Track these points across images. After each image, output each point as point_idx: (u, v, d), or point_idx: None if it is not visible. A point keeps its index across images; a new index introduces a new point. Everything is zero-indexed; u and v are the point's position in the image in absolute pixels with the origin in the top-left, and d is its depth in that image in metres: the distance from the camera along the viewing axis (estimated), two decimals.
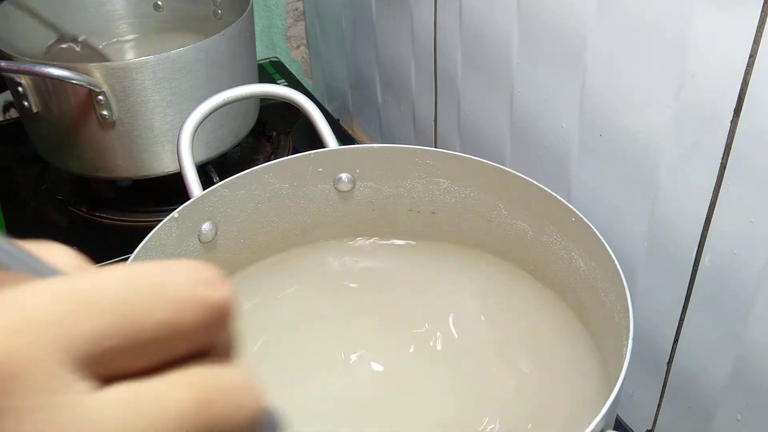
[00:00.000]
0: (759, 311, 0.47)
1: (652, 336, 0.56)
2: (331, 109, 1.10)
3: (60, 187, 0.83)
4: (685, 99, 0.47)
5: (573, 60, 0.55)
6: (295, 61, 1.14)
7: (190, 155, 0.53)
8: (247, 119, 0.82)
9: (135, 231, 0.76)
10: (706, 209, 0.48)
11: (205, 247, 0.53)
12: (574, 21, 0.54)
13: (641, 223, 0.54)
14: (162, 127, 0.72)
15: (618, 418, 0.59)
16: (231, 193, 0.53)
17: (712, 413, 0.53)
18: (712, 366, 0.52)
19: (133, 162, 0.74)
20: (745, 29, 0.41)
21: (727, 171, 0.46)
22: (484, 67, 0.68)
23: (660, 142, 0.50)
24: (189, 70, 0.70)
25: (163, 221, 0.49)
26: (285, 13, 1.09)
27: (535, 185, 0.51)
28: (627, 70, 0.51)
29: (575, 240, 0.49)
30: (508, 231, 0.55)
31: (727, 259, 0.48)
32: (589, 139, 0.57)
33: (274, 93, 0.58)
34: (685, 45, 0.45)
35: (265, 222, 0.57)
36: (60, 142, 0.75)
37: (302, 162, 0.56)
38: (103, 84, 0.68)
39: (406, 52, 0.82)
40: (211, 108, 0.55)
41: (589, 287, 0.49)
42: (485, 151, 0.72)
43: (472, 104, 0.72)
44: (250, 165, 0.55)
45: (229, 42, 0.74)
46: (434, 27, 0.74)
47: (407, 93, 0.85)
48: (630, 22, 0.49)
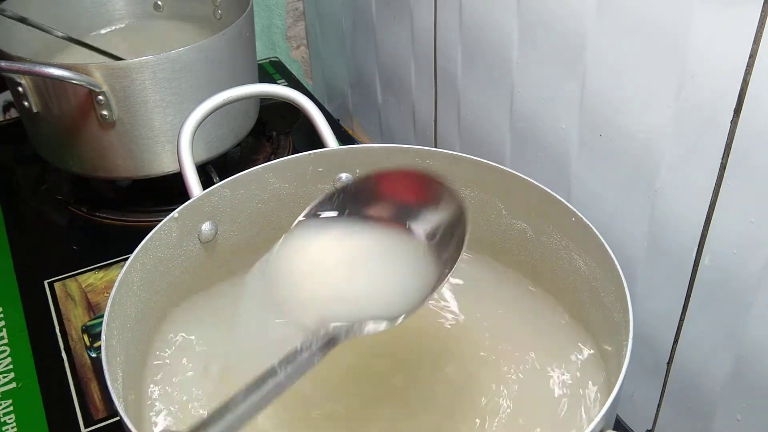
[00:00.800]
0: (759, 311, 0.47)
1: (652, 336, 0.56)
2: (331, 109, 1.10)
3: (60, 187, 0.83)
4: (685, 99, 0.47)
5: (573, 60, 0.55)
6: (295, 61, 1.14)
7: (190, 155, 0.53)
8: (247, 119, 0.82)
9: (135, 231, 0.76)
10: (706, 209, 0.48)
11: (205, 247, 0.53)
12: (574, 21, 0.54)
13: (641, 223, 0.54)
14: (162, 127, 0.72)
15: (618, 418, 0.59)
16: (231, 193, 0.53)
17: (712, 413, 0.53)
18: (712, 366, 0.52)
19: (133, 162, 0.74)
20: (745, 29, 0.41)
21: (727, 171, 0.46)
22: (484, 67, 0.68)
23: (660, 142, 0.50)
24: (189, 70, 0.70)
25: (163, 221, 0.49)
26: (285, 13, 1.09)
27: (535, 185, 0.51)
28: (627, 70, 0.51)
29: (575, 240, 0.49)
30: (508, 231, 0.55)
31: (726, 260, 0.48)
32: (589, 139, 0.57)
33: (274, 93, 0.58)
34: (685, 45, 0.45)
35: (265, 222, 0.57)
36: (60, 142, 0.75)
37: (302, 162, 0.56)
38: (103, 84, 0.68)
39: (406, 52, 0.82)
40: (211, 108, 0.55)
41: (589, 287, 0.49)
42: (485, 151, 0.72)
43: (472, 104, 0.72)
44: (250, 165, 0.55)
45: (229, 42, 0.74)
46: (434, 27, 0.74)
47: (407, 93, 0.85)
48: (630, 22, 0.49)
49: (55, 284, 0.70)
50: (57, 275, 0.70)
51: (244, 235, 0.56)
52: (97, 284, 0.69)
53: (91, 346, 0.63)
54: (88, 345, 0.63)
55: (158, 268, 0.50)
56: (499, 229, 0.55)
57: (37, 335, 0.65)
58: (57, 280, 0.70)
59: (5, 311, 0.68)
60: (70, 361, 0.62)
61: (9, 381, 0.61)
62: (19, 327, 0.66)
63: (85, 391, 0.59)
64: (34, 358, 0.62)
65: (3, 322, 0.66)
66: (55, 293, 0.69)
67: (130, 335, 0.46)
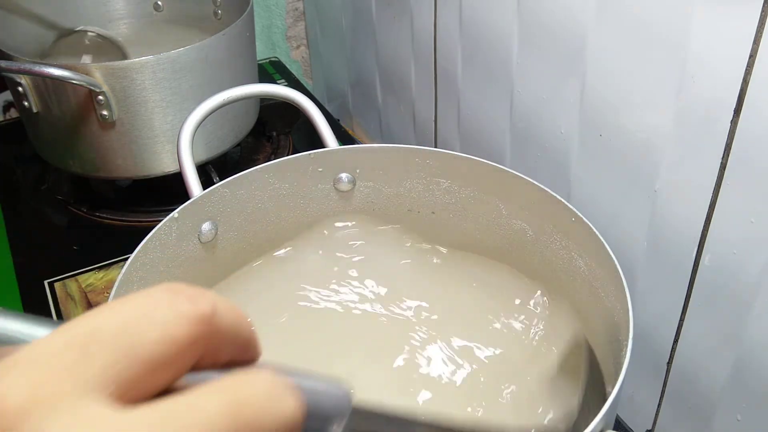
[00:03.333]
0: (758, 311, 0.47)
1: (652, 336, 0.56)
2: (331, 109, 1.10)
3: (60, 187, 0.83)
4: (685, 99, 0.47)
5: (573, 60, 0.55)
6: (295, 61, 1.14)
7: (190, 155, 0.53)
8: (247, 119, 0.82)
9: (135, 231, 0.76)
10: (706, 209, 0.48)
11: (205, 247, 0.53)
12: (574, 21, 0.54)
13: (641, 223, 0.54)
14: (162, 127, 0.72)
15: (618, 418, 0.59)
16: (231, 193, 0.54)
17: (712, 413, 0.53)
18: (712, 366, 0.52)
19: (133, 162, 0.74)
20: (745, 29, 0.41)
21: (727, 171, 0.46)
22: (484, 67, 0.68)
23: (660, 142, 0.50)
24: (189, 70, 0.70)
25: (163, 221, 0.49)
26: (285, 13, 1.09)
27: (535, 185, 0.51)
28: (627, 70, 0.51)
29: (575, 240, 0.49)
30: (508, 231, 0.55)
31: (726, 260, 0.48)
32: (589, 139, 0.57)
33: (274, 93, 0.58)
34: (685, 45, 0.45)
35: (265, 222, 0.57)
36: (60, 142, 0.75)
37: (302, 162, 0.56)
38: (103, 84, 0.68)
39: (406, 52, 0.82)
40: (211, 108, 0.55)
41: (589, 287, 0.49)
42: (485, 151, 0.72)
43: (472, 104, 0.72)
44: (250, 165, 0.55)
45: (229, 42, 0.74)
46: (434, 27, 0.74)
47: (407, 93, 0.85)
48: (630, 22, 0.49)
49: (55, 284, 0.70)
50: (57, 275, 0.70)
51: (244, 235, 0.56)
52: (97, 284, 0.69)
53: None
54: None
55: (158, 268, 0.50)
56: (499, 229, 0.55)
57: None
58: (57, 280, 0.70)
59: None
60: None
61: None
62: None
63: None
64: None
65: None
66: (55, 293, 0.69)
67: None
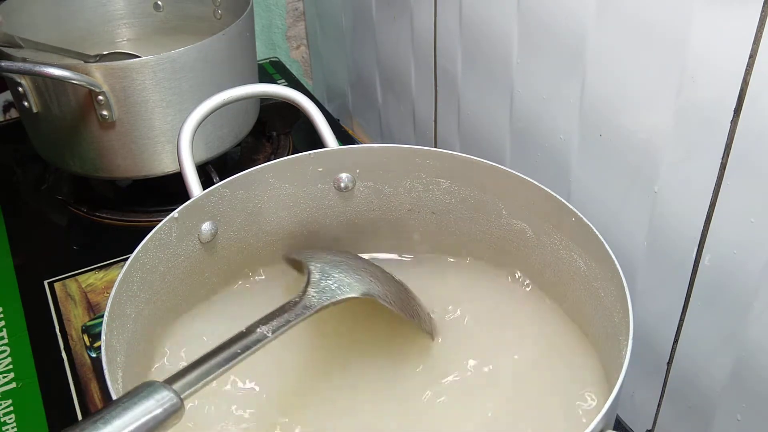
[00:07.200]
0: (759, 311, 0.47)
1: (652, 336, 0.56)
2: (331, 109, 1.10)
3: (60, 187, 0.83)
4: (685, 99, 0.47)
5: (573, 60, 0.55)
6: (295, 61, 1.14)
7: (190, 155, 0.53)
8: (247, 119, 0.82)
9: (135, 231, 0.76)
10: (706, 209, 0.48)
11: (205, 247, 0.53)
12: (574, 21, 0.54)
13: (641, 223, 0.54)
14: (162, 127, 0.72)
15: (618, 418, 0.59)
16: (231, 193, 0.53)
17: (712, 413, 0.53)
18: (712, 366, 0.52)
19: (133, 162, 0.74)
20: (745, 29, 0.41)
21: (727, 171, 0.46)
22: (484, 67, 0.68)
23: (660, 142, 0.50)
24: (189, 70, 0.70)
25: (163, 221, 0.49)
26: (285, 13, 1.09)
27: (535, 185, 0.51)
28: (627, 70, 0.51)
29: (575, 240, 0.49)
30: (507, 231, 0.55)
31: (727, 260, 0.48)
32: (589, 139, 0.57)
33: (274, 93, 0.58)
34: (685, 45, 0.45)
35: (265, 222, 0.57)
36: (60, 142, 0.75)
37: (302, 162, 0.56)
38: (103, 84, 0.68)
39: (406, 52, 0.82)
40: (211, 108, 0.55)
41: (589, 287, 0.49)
42: (485, 151, 0.72)
43: (472, 104, 0.72)
44: (250, 165, 0.55)
45: (229, 42, 0.74)
46: (434, 27, 0.74)
47: (407, 93, 0.85)
48: (630, 22, 0.49)
49: (55, 284, 0.70)
50: (57, 275, 0.70)
51: (244, 235, 0.56)
52: (97, 284, 0.70)
53: (91, 346, 0.63)
54: (88, 345, 0.63)
55: (158, 268, 0.50)
56: (499, 229, 0.55)
57: (37, 335, 0.65)
58: (57, 280, 0.70)
59: (5, 311, 0.68)
60: (70, 361, 0.62)
61: (9, 381, 0.61)
62: (19, 327, 0.66)
63: (85, 391, 0.59)
64: (34, 358, 0.62)
65: (3, 322, 0.66)
66: (55, 293, 0.69)
67: (130, 335, 0.46)
